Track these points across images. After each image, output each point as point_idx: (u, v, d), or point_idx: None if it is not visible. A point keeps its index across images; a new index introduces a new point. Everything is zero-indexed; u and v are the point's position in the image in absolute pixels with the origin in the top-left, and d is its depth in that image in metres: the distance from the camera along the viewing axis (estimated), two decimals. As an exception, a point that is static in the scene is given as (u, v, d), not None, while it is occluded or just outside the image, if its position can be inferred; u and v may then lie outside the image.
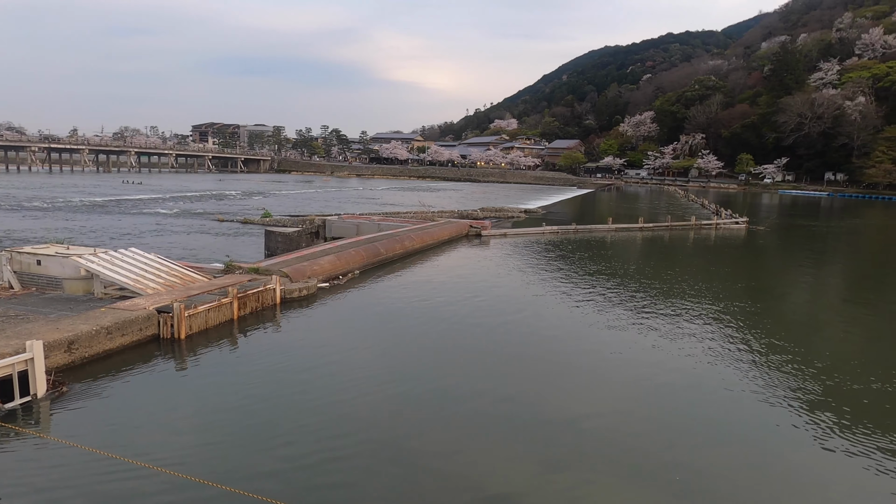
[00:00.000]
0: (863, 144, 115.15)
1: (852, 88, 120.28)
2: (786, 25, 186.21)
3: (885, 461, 10.28)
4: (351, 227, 34.84)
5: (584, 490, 9.28)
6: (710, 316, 19.67)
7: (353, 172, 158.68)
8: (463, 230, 38.10)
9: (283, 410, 11.63)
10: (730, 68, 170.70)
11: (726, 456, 10.46)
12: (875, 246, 46.37)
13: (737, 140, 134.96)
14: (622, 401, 12.77)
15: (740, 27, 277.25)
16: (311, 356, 14.78)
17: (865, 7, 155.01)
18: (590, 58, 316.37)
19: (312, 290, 20.84)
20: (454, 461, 9.96)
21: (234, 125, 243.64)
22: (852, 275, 32.79)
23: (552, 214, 57.59)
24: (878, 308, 23.60)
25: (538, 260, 30.45)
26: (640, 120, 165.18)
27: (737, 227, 49.56)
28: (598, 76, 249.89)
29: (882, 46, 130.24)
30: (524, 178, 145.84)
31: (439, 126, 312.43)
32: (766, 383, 13.72)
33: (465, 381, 13.46)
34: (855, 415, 12.16)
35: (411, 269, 26.70)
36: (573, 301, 21.16)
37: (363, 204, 63.65)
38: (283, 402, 12.03)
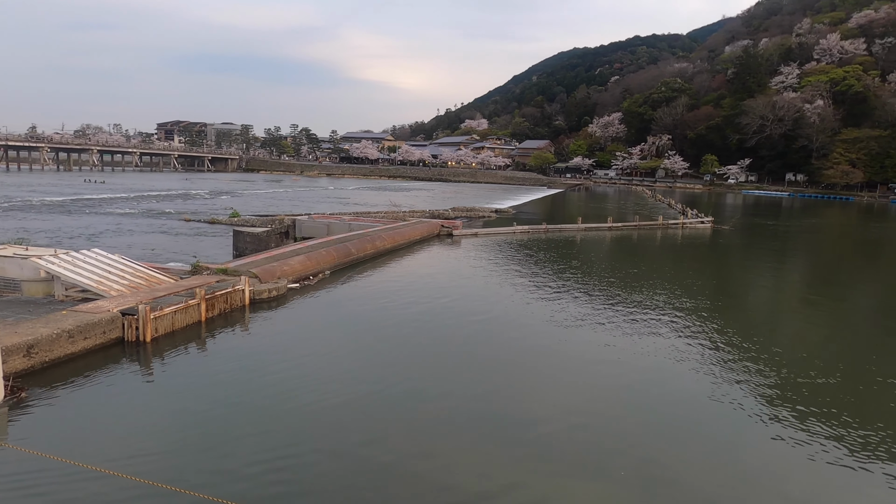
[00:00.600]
0: (821, 146, 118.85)
1: (811, 92, 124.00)
2: (748, 30, 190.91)
3: (844, 454, 10.61)
4: (321, 227, 34.52)
5: (553, 489, 9.35)
6: (677, 314, 20.04)
7: (323, 172, 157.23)
8: (434, 230, 38.09)
9: (251, 414, 11.45)
10: (695, 71, 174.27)
11: (693, 452, 10.68)
12: (832, 245, 47.88)
13: (702, 141, 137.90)
14: (591, 399, 12.93)
15: (705, 31, 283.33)
16: (281, 358, 14.59)
17: (823, 13, 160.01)
18: (559, 59, 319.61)
19: (282, 291, 20.58)
20: (423, 462, 9.95)
21: (200, 123, 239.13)
22: (810, 273, 33.80)
23: (523, 214, 57.99)
24: (834, 305, 24.36)
25: (509, 259, 30.63)
26: (608, 121, 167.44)
27: (702, 226, 50.65)
28: (567, 77, 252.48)
29: (839, 52, 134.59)
30: (495, 178, 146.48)
31: (410, 126, 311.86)
32: (729, 379, 14.03)
33: (435, 382, 13.46)
34: (815, 409, 12.53)
35: (383, 270, 26.59)
36: (543, 301, 21.34)
37: (333, 203, 63.14)
38: (251, 405, 11.84)
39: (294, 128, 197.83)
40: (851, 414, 12.32)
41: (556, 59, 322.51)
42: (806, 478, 9.92)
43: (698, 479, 9.74)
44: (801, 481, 9.81)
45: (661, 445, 10.83)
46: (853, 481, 9.79)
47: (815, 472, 10.07)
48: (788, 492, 9.46)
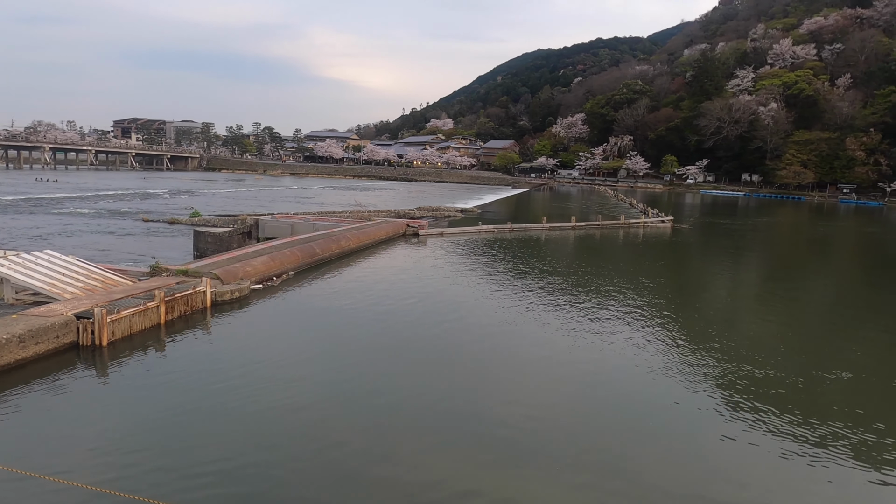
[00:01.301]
0: (775, 147, 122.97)
1: (765, 95, 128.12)
2: (706, 34, 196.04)
3: (799, 448, 11.02)
4: (285, 227, 34.07)
5: (517, 489, 9.45)
6: (638, 311, 20.46)
7: (287, 171, 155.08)
8: (400, 229, 38.01)
9: (211, 419, 11.24)
10: (655, 73, 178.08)
11: (652, 447, 10.92)
12: (785, 242, 49.56)
13: (662, 142, 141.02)
14: (553, 398, 13.11)
15: (665, 34, 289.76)
16: (243, 361, 14.35)
17: (776, 19, 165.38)
18: (523, 60, 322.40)
19: (245, 292, 20.25)
20: (389, 464, 9.93)
21: (159, 121, 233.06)
22: (764, 270, 34.92)
23: (488, 214, 58.32)
24: (787, 301, 25.22)
25: (475, 259, 30.77)
26: (571, 122, 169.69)
27: (663, 225, 51.82)
28: (531, 78, 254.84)
29: (791, 56, 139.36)
30: (460, 178, 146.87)
31: (375, 125, 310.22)
32: (688, 374, 14.41)
33: (399, 384, 13.45)
34: (770, 403, 12.96)
35: (348, 270, 26.41)
36: (508, 300, 21.51)
37: (298, 203, 62.36)
38: (211, 410, 11.61)
39: (257, 126, 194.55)
40: (804, 408, 12.79)
41: (521, 60, 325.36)
42: (762, 471, 10.25)
43: (657, 475, 9.97)
44: (758, 474, 10.13)
45: (621, 441, 11.06)
46: (808, 473, 10.18)
47: (771, 464, 10.41)
48: (746, 484, 9.76)
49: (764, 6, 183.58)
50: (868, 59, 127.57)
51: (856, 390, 14.00)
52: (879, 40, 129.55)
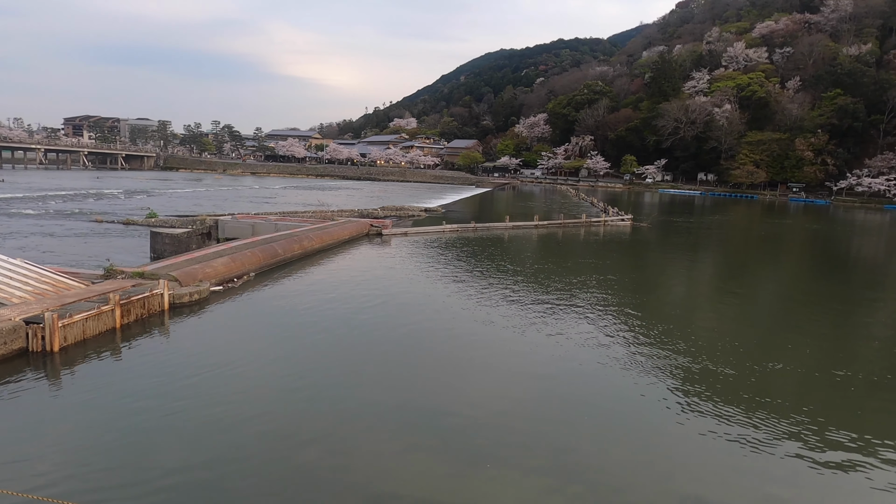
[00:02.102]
0: (729, 148, 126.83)
1: (720, 96, 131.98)
2: (663, 36, 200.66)
3: (754, 439, 11.42)
4: (246, 228, 33.51)
5: (484, 488, 9.55)
6: (598, 308, 20.85)
7: (248, 170, 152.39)
8: (364, 229, 37.81)
9: (169, 426, 10.97)
10: (615, 74, 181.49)
11: (611, 441, 11.17)
12: (738, 239, 51.16)
13: (622, 142, 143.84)
14: (520, 395, 13.27)
15: (624, 36, 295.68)
16: (203, 365, 14.07)
17: (730, 23, 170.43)
18: (486, 60, 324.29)
19: (205, 295, 19.86)
20: (353, 468, 9.89)
21: (113, 119, 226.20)
22: (719, 266, 35.99)
23: (452, 213, 58.49)
24: (741, 295, 26.07)
25: (439, 258, 30.85)
26: (534, 121, 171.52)
27: (622, 223, 52.88)
28: (494, 78, 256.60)
29: (744, 59, 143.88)
30: (424, 177, 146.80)
31: (338, 124, 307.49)
32: (647, 368, 14.77)
33: (364, 385, 13.41)
34: (726, 396, 13.39)
35: (311, 270, 26.15)
36: (472, 298, 21.65)
37: (259, 203, 61.37)
38: (169, 416, 11.32)
39: (216, 124, 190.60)
40: (758, 399, 13.25)
41: (484, 60, 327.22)
42: (720, 462, 10.59)
43: (616, 468, 10.21)
44: (716, 466, 10.46)
45: (580, 436, 11.28)
46: (762, 464, 10.54)
47: (728, 456, 10.76)
48: (704, 476, 10.07)
49: (719, 10, 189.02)
50: (816, 62, 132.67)
51: (804, 381, 14.57)
52: (826, 45, 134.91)
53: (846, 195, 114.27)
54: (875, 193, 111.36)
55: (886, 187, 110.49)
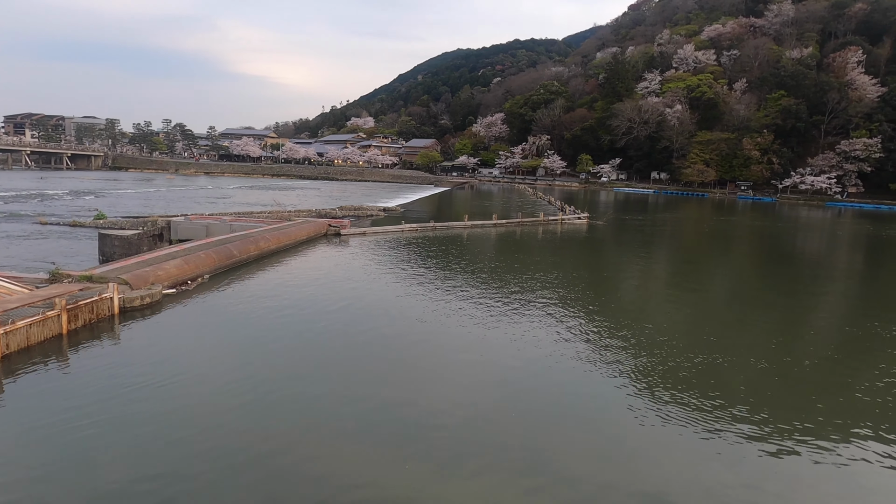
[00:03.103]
0: (680, 147, 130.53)
1: (671, 97, 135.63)
2: (616, 38, 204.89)
3: (712, 428, 11.83)
4: (200, 229, 32.72)
5: (451, 485, 9.62)
6: (559, 304, 21.19)
7: (201, 170, 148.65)
8: (321, 229, 37.41)
9: (119, 436, 10.61)
10: (570, 75, 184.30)
11: (572, 438, 11.39)
12: (689, 236, 52.74)
13: (577, 141, 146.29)
14: (481, 394, 13.39)
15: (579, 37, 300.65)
16: (155, 370, 13.70)
17: (680, 26, 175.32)
18: (443, 59, 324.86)
19: (157, 298, 19.33)
20: (315, 475, 9.81)
21: (58, 117, 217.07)
22: (672, 262, 37.06)
23: (411, 212, 58.41)
24: (691, 290, 26.92)
25: (399, 258, 30.79)
26: (491, 121, 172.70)
27: (579, 221, 53.82)
28: (451, 77, 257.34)
29: (693, 61, 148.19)
30: (382, 177, 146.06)
31: (294, 123, 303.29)
32: (606, 363, 15.11)
33: (325, 388, 13.30)
34: (685, 389, 13.81)
35: (267, 271, 25.73)
36: (433, 298, 21.70)
37: (213, 203, 59.98)
38: (117, 426, 10.94)
39: (167, 123, 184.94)
40: (714, 391, 13.72)
41: (441, 59, 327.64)
42: (680, 453, 10.91)
43: (579, 463, 10.42)
44: (676, 457, 10.78)
45: (543, 433, 11.47)
46: (719, 453, 10.92)
47: (687, 446, 11.11)
48: (665, 468, 10.35)
49: (669, 13, 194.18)
50: (761, 65, 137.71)
51: (754, 371, 15.14)
52: (770, 48, 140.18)
53: (791, 193, 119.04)
54: (817, 191, 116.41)
55: (828, 185, 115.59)
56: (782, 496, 9.54)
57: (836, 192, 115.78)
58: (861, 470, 10.46)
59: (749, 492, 9.62)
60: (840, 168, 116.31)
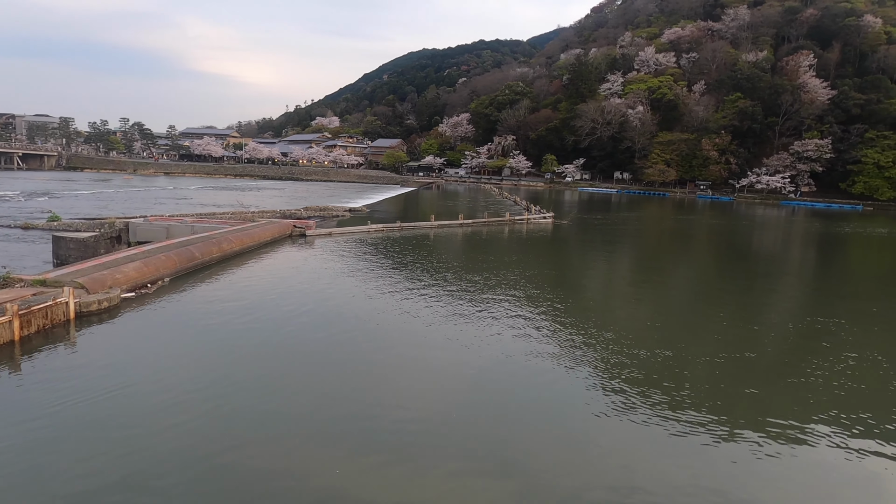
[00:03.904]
0: (642, 147, 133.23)
1: (633, 98, 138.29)
2: (580, 40, 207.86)
3: (673, 421, 12.10)
4: (160, 230, 31.96)
5: (412, 481, 9.62)
6: (525, 302, 21.38)
7: (161, 170, 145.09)
8: (286, 230, 36.95)
9: (75, 447, 10.27)
10: (535, 76, 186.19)
11: (538, 435, 11.52)
12: (651, 234, 53.87)
13: (542, 142, 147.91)
14: (447, 393, 13.43)
15: (543, 38, 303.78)
16: (113, 377, 13.31)
17: (641, 28, 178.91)
18: (409, 59, 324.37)
19: (115, 302, 18.80)
20: (281, 478, 9.71)
21: (7, 115, 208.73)
22: (635, 259, 37.78)
23: (377, 212, 58.15)
24: (656, 286, 27.51)
25: (364, 258, 30.62)
26: (457, 121, 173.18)
27: (545, 221, 54.42)
28: (417, 77, 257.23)
29: (654, 63, 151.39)
30: (348, 177, 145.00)
31: (258, 122, 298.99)
32: (571, 360, 15.31)
33: (290, 393, 13.14)
34: (647, 381, 14.09)
35: (231, 274, 25.29)
36: (400, 299, 21.65)
37: (173, 204, 58.63)
38: (75, 432, 10.63)
39: (125, 122, 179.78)
40: (675, 384, 14.03)
41: (407, 59, 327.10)
42: (642, 446, 11.13)
43: (546, 459, 10.54)
44: (638, 450, 10.99)
45: (510, 430, 11.57)
46: (687, 450, 11.18)
47: (648, 438, 11.35)
48: (628, 462, 10.53)
49: (630, 15, 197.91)
50: (718, 67, 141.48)
51: (713, 365, 15.56)
52: (727, 51, 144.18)
53: (747, 192, 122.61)
54: (773, 190, 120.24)
55: (782, 184, 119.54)
56: (745, 487, 9.84)
57: (790, 191, 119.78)
58: (817, 459, 10.86)
59: (715, 485, 9.89)
60: (794, 168, 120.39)
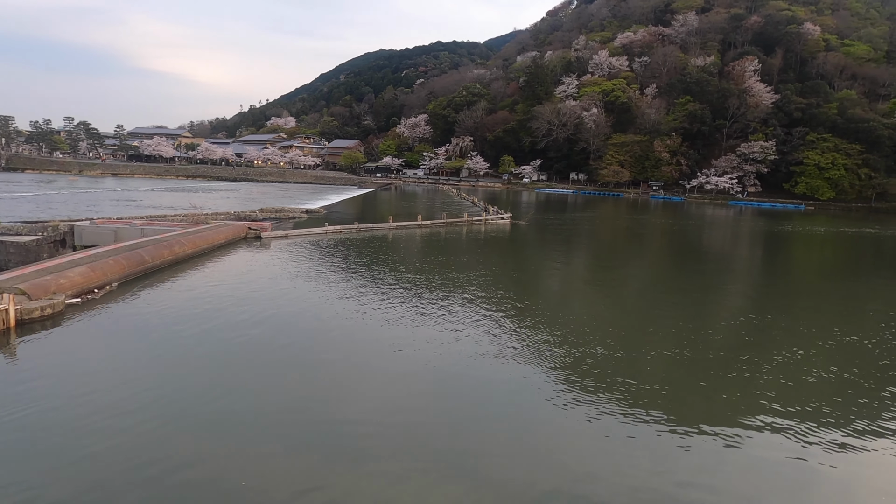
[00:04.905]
0: (597, 149, 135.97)
1: (588, 101, 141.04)
2: (536, 43, 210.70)
3: (628, 417, 12.36)
4: (107, 234, 30.85)
5: (371, 484, 9.56)
6: (483, 303, 21.49)
7: (108, 171, 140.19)
8: (241, 232, 36.18)
9: (14, 461, 9.79)
10: (492, 78, 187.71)
11: (501, 433, 11.60)
12: (606, 233, 55.01)
13: (500, 143, 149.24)
14: (404, 395, 13.38)
15: (499, 41, 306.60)
16: (57, 387, 12.74)
17: (595, 32, 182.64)
18: (366, 59, 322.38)
19: (59, 308, 18.05)
20: (240, 486, 9.51)
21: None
22: (591, 258, 38.50)
23: (334, 214, 57.56)
24: (612, 285, 28.08)
25: (322, 260, 30.26)
26: (415, 122, 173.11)
27: (502, 221, 54.89)
28: (374, 78, 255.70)
29: (608, 67, 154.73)
30: (305, 178, 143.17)
31: (210, 122, 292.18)
32: (532, 359, 15.48)
33: (246, 401, 12.86)
34: (604, 379, 14.36)
35: (183, 278, 24.60)
36: (358, 301, 21.47)
37: (122, 206, 56.72)
38: (12, 451, 10.10)
39: (69, 121, 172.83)
40: (631, 382, 14.34)
41: (364, 60, 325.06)
42: (599, 444, 11.33)
43: (502, 458, 10.62)
44: (596, 448, 11.18)
45: (467, 431, 11.62)
46: (641, 446, 11.43)
47: (610, 441, 11.56)
48: (586, 463, 10.70)
49: (585, 19, 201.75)
50: (669, 71, 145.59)
51: (668, 362, 15.98)
52: (677, 56, 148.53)
53: (697, 192, 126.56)
54: (721, 191, 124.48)
55: (730, 185, 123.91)
56: (694, 483, 10.13)
57: (738, 191, 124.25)
58: (760, 453, 11.28)
59: (667, 479, 10.15)
60: (740, 169, 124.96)
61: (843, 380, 15.20)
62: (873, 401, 13.88)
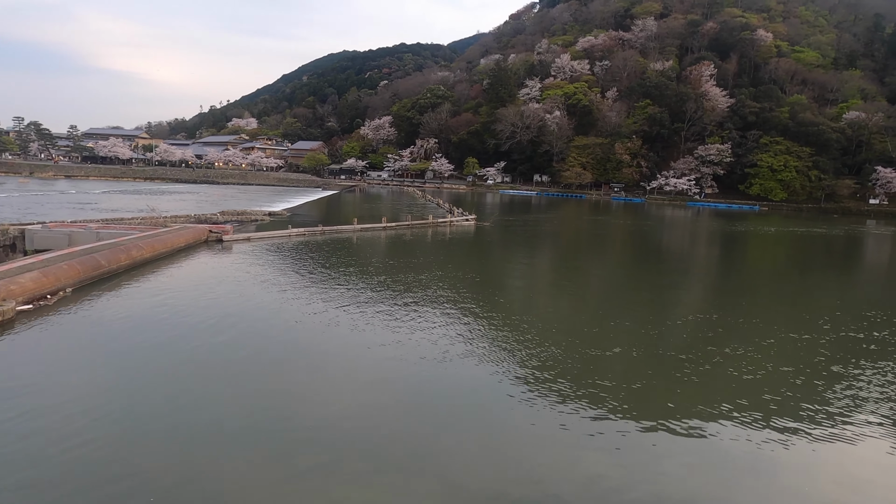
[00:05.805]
0: (560, 151, 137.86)
1: (550, 104, 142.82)
2: (499, 45, 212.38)
3: (592, 417, 12.56)
4: (61, 238, 29.84)
5: (339, 489, 9.50)
6: (448, 304, 21.55)
7: (61, 173, 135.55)
8: (201, 236, 35.43)
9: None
10: (456, 80, 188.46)
11: (466, 436, 11.67)
12: (569, 234, 55.80)
13: (464, 145, 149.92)
14: (370, 398, 13.33)
15: (463, 43, 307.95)
16: (5, 400, 12.31)
17: (557, 36, 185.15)
18: (329, 60, 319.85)
19: (9, 316, 17.37)
20: (200, 491, 9.33)
21: None
22: (554, 259, 38.99)
23: (298, 216, 56.89)
24: (575, 285, 28.49)
25: (285, 264, 29.89)
26: (379, 124, 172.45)
27: (467, 223, 55.10)
28: (338, 79, 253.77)
29: (570, 70, 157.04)
30: (267, 180, 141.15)
31: (169, 123, 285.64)
32: (496, 360, 15.59)
33: (209, 411, 12.62)
34: (568, 379, 14.55)
35: (141, 283, 23.96)
36: (323, 305, 21.28)
37: (76, 209, 54.90)
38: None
39: (19, 121, 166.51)
40: (595, 381, 14.58)
41: (327, 60, 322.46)
42: (565, 444, 11.49)
43: (467, 460, 10.68)
44: (561, 448, 11.33)
45: (431, 434, 11.65)
46: (603, 444, 11.63)
47: (572, 439, 11.73)
48: (549, 461, 10.84)
49: (547, 23, 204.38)
50: (629, 75, 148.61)
51: (630, 360, 16.31)
52: (637, 60, 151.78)
53: (657, 194, 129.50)
54: (680, 192, 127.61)
55: (688, 186, 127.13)
56: (654, 480, 10.37)
57: (696, 192, 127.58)
58: (722, 445, 11.62)
59: (629, 475, 10.36)
60: (698, 171, 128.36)
61: (798, 371, 15.77)
62: (825, 391, 14.44)
